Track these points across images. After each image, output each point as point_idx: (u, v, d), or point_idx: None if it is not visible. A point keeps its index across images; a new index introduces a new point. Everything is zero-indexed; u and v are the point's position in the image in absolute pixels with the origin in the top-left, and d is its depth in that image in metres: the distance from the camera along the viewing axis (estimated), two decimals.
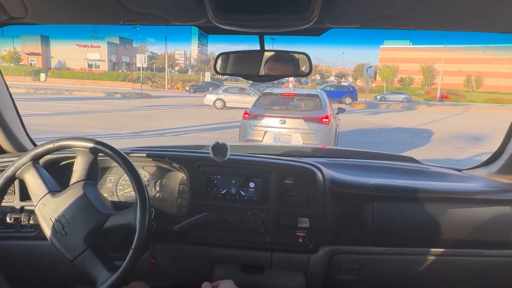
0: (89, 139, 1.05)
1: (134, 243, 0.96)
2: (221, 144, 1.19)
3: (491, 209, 1.27)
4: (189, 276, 1.37)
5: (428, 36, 49.92)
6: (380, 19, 0.94)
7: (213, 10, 0.77)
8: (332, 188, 1.25)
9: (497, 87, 32.55)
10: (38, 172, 1.04)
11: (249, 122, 5.36)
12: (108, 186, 1.35)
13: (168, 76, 31.46)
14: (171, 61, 42.27)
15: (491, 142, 8.48)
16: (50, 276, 1.37)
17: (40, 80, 30.20)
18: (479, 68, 34.52)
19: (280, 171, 1.24)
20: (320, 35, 1.10)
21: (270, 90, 6.39)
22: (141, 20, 0.99)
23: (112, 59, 41.95)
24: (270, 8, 0.79)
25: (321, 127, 5.15)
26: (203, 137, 8.05)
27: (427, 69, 35.68)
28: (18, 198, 1.25)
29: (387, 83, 34.54)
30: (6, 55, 34.65)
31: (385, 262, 1.29)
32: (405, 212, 1.27)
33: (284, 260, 1.27)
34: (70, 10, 0.99)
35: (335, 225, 1.25)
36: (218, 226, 1.25)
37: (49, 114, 10.72)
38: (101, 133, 8.03)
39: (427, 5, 0.84)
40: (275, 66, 1.12)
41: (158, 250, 1.23)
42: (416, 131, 10.75)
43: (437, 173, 1.47)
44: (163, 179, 1.33)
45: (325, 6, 0.78)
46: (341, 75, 53.77)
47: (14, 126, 1.42)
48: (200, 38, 72.20)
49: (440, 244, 1.27)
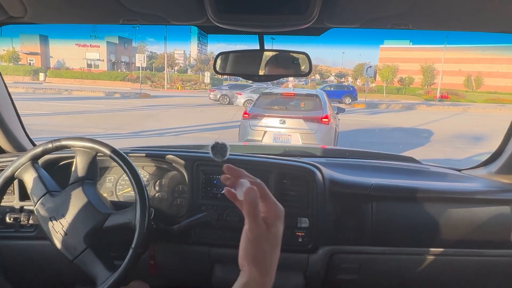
0: (88, 139, 1.05)
1: (134, 243, 0.96)
2: (221, 144, 1.19)
3: (490, 209, 1.27)
4: (188, 276, 1.37)
5: (428, 36, 49.99)
6: (380, 19, 0.94)
7: (213, 9, 0.77)
8: (332, 188, 1.25)
9: (497, 87, 32.56)
10: (37, 172, 1.04)
11: (249, 122, 5.36)
12: (107, 186, 1.35)
13: (168, 76, 31.43)
14: (171, 60, 42.22)
15: (491, 142, 8.48)
16: (49, 276, 1.37)
17: (39, 80, 30.15)
18: (479, 68, 34.52)
19: (280, 171, 1.24)
20: (320, 35, 1.10)
21: (270, 90, 6.39)
22: (141, 20, 0.99)
23: (111, 58, 41.91)
24: (269, 7, 0.79)
25: (320, 127, 5.15)
26: (203, 137, 8.05)
27: (427, 69, 35.69)
28: (18, 198, 1.25)
29: (387, 83, 34.51)
30: (5, 54, 34.61)
31: (384, 262, 1.29)
32: (405, 212, 1.27)
33: (284, 260, 1.26)
34: (69, 10, 0.99)
35: (334, 225, 1.25)
36: (218, 226, 1.25)
37: (48, 114, 10.72)
38: (100, 133, 8.02)
39: (427, 5, 0.84)
40: (274, 66, 1.12)
41: (157, 250, 1.22)
42: (416, 131, 10.75)
43: (437, 173, 1.47)
44: (162, 179, 1.33)
45: (324, 5, 0.78)
46: (341, 75, 53.79)
47: (13, 126, 1.42)
48: (200, 37, 72.18)
49: (440, 244, 1.27)
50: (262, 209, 0.58)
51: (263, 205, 0.58)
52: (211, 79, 31.34)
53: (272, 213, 0.58)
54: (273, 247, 0.58)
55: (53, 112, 11.26)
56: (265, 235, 0.57)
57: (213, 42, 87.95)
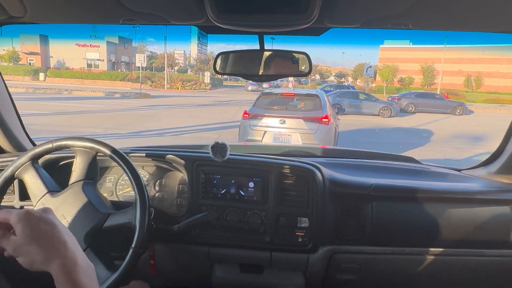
0: (88, 138, 1.05)
1: (134, 243, 0.96)
2: (221, 144, 1.19)
3: (490, 209, 1.27)
4: (188, 275, 1.37)
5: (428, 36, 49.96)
6: (380, 19, 0.94)
7: (213, 9, 0.77)
8: (332, 188, 1.25)
9: (497, 87, 32.52)
10: (37, 172, 1.04)
11: (249, 122, 5.35)
12: (107, 185, 1.35)
13: (168, 76, 31.40)
14: (171, 60, 42.18)
15: (491, 142, 8.48)
16: (49, 276, 1.37)
17: (39, 80, 30.10)
18: (479, 68, 34.48)
19: (280, 171, 1.24)
20: (320, 35, 1.10)
21: (270, 90, 6.39)
22: (141, 20, 0.99)
23: (111, 58, 41.86)
24: (269, 7, 0.79)
25: (320, 127, 5.14)
26: (203, 137, 8.05)
27: (427, 69, 35.67)
28: (18, 198, 1.25)
29: (387, 83, 34.50)
30: (5, 54, 34.58)
31: (384, 262, 1.29)
32: (405, 212, 1.27)
33: (284, 259, 1.27)
34: (69, 10, 0.99)
35: (334, 225, 1.25)
36: (218, 226, 1.25)
37: (48, 114, 10.71)
38: (100, 133, 8.01)
39: (427, 5, 0.84)
40: (274, 66, 1.12)
41: (157, 250, 1.22)
42: (416, 131, 10.75)
43: (437, 173, 1.47)
44: (162, 179, 1.33)
45: (324, 5, 0.78)
46: (341, 75, 53.73)
47: (13, 125, 1.42)
48: (200, 37, 72.18)
49: (440, 244, 1.27)
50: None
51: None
52: (211, 79, 31.32)
53: (2, 224, 0.60)
54: (34, 244, 0.58)
55: (53, 112, 11.25)
56: (7, 243, 0.59)
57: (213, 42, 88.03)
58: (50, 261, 0.58)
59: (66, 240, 0.60)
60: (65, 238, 0.60)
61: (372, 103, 14.79)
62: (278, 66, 1.13)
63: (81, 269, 0.58)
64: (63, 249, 0.59)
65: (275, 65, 1.12)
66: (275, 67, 1.12)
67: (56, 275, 0.58)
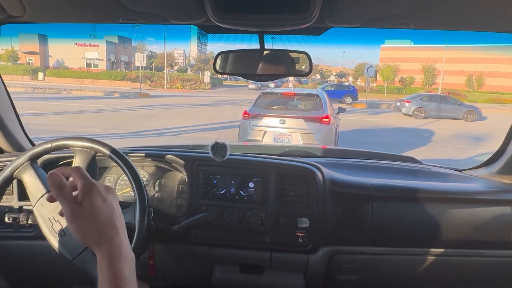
0: (88, 138, 1.05)
1: (133, 243, 0.96)
2: (221, 144, 1.19)
3: (491, 210, 1.27)
4: (188, 276, 1.37)
5: (429, 35, 49.99)
6: (381, 19, 0.94)
7: (213, 9, 0.77)
8: (332, 188, 1.24)
9: (499, 87, 32.49)
10: (36, 172, 1.04)
11: (249, 122, 5.35)
12: None
13: (167, 75, 31.39)
14: (170, 60, 42.14)
15: (492, 142, 8.48)
16: (49, 276, 1.37)
17: (38, 79, 30.07)
18: (481, 68, 34.44)
19: (280, 171, 1.24)
20: (321, 34, 1.09)
21: (270, 90, 6.38)
22: (140, 19, 0.99)
23: (110, 58, 41.84)
24: (270, 7, 0.79)
25: (321, 127, 5.14)
26: (203, 137, 8.04)
27: (428, 68, 35.63)
28: (17, 198, 1.24)
29: (388, 82, 34.46)
30: (4, 54, 34.56)
31: (384, 262, 1.28)
32: (405, 212, 1.27)
33: (284, 260, 1.27)
34: (68, 9, 0.98)
35: (334, 225, 1.25)
36: (218, 226, 1.25)
37: (47, 114, 10.71)
38: (99, 133, 8.01)
39: (428, 4, 0.84)
40: (275, 66, 1.11)
41: (157, 250, 1.22)
42: (417, 131, 10.75)
43: (438, 173, 1.47)
44: (162, 179, 1.32)
45: (325, 5, 0.77)
46: (342, 75, 53.73)
47: (12, 125, 1.42)
48: (200, 37, 72.12)
49: (440, 244, 1.27)
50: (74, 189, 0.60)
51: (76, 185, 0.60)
52: (211, 79, 31.30)
53: (80, 190, 0.59)
54: (94, 220, 0.58)
55: (52, 111, 11.24)
56: (78, 212, 0.58)
57: (213, 41, 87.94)
58: (101, 244, 0.57)
59: (118, 226, 0.59)
60: (118, 224, 0.59)
61: (456, 107, 14.47)
62: (279, 65, 1.12)
63: (124, 259, 0.58)
64: (114, 234, 0.58)
65: (275, 64, 1.11)
66: (275, 66, 1.11)
67: (100, 259, 0.57)
